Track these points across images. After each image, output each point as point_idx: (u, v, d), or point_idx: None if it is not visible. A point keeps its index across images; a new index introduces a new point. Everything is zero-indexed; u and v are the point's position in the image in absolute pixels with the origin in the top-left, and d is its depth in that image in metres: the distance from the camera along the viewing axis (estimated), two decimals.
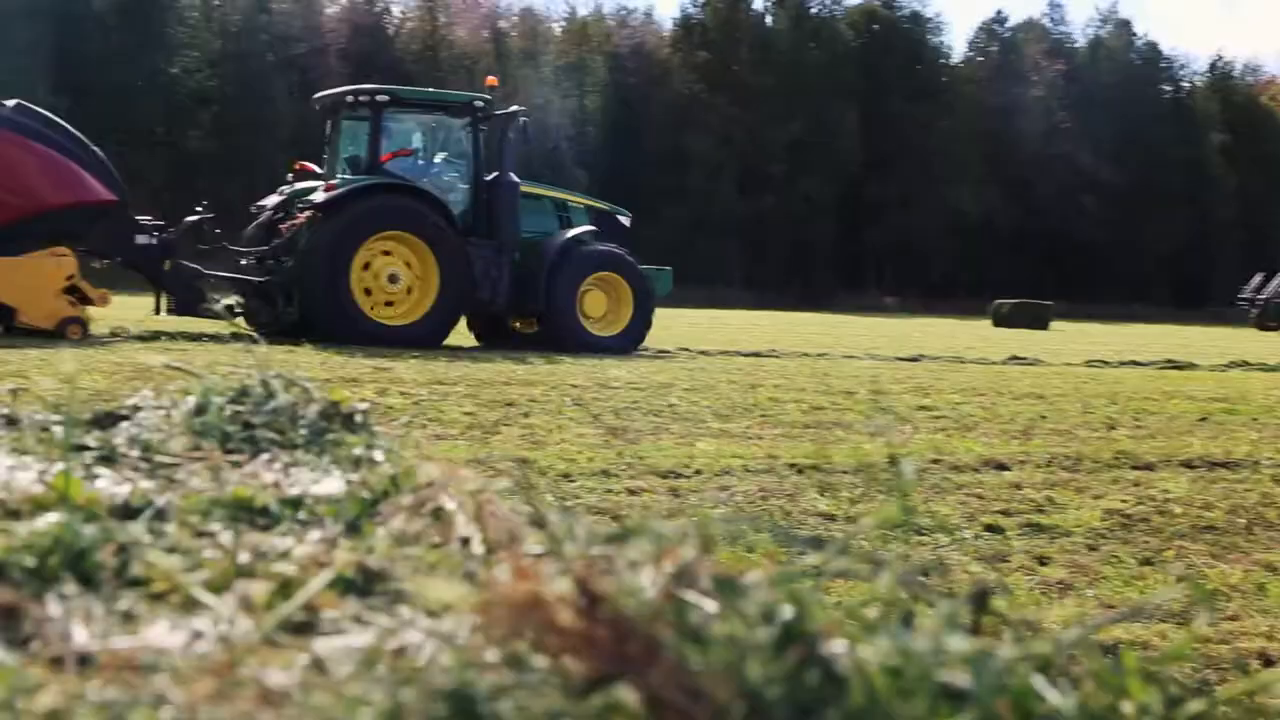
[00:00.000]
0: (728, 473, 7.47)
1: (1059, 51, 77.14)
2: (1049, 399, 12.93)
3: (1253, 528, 6.57)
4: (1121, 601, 5.05)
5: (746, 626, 0.59)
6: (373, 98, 17.22)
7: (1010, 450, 8.86)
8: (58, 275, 14.87)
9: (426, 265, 16.39)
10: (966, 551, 5.83)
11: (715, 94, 67.33)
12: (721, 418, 10.22)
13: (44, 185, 14.82)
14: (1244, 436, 10.31)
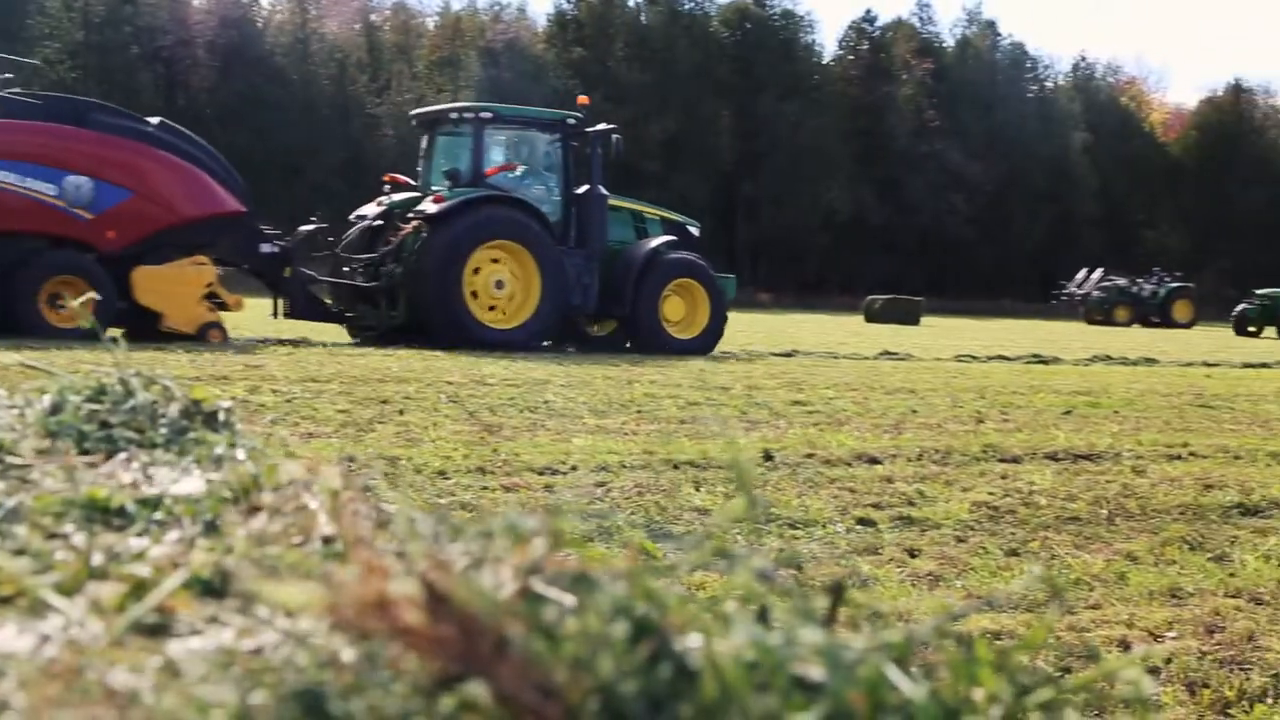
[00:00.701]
0: (604, 469, 7.47)
1: (927, 51, 78.33)
2: (919, 393, 13.14)
3: (1114, 518, 6.74)
4: (989, 592, 5.15)
5: (599, 622, 0.59)
6: (476, 115, 18.30)
7: (882, 444, 8.99)
8: (198, 282, 15.95)
9: (528, 273, 17.40)
10: (839, 545, 5.90)
11: (590, 90, 67.48)
12: (598, 414, 10.22)
13: (183, 198, 15.92)
14: (1106, 429, 10.57)
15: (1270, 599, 5.11)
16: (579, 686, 0.56)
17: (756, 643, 0.60)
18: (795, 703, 0.58)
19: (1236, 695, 3.95)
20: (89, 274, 15.25)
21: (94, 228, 15.50)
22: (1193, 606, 4.96)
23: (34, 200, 15.23)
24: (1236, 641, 4.46)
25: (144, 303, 15.64)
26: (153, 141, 16.12)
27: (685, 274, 18.59)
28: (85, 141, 15.62)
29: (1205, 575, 5.49)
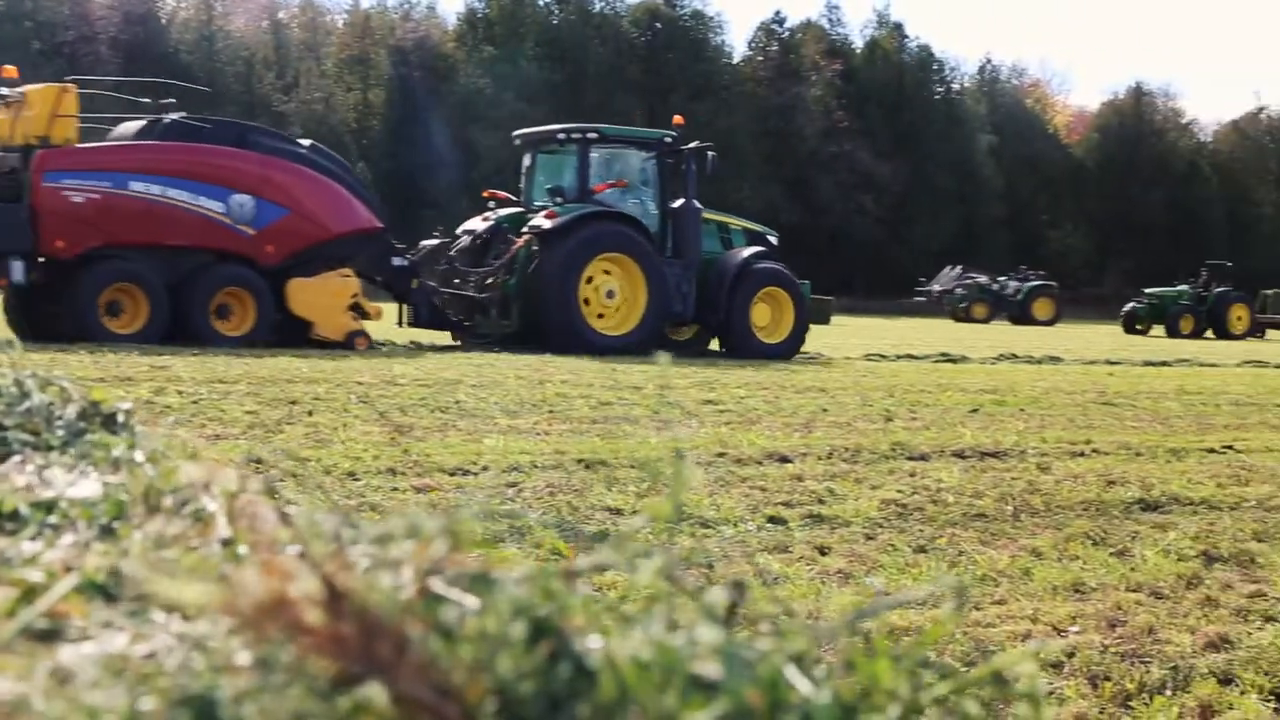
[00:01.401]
0: (516, 469, 7.45)
1: (836, 52, 78.86)
2: (830, 392, 13.24)
3: (1019, 514, 6.83)
4: (897, 589, 5.20)
5: (498, 622, 0.58)
6: (584, 135, 19.47)
7: (792, 443, 9.04)
8: (345, 293, 17.13)
9: (635, 282, 18.57)
10: (750, 543, 5.92)
11: (502, 89, 67.10)
12: (509, 414, 10.19)
13: (331, 215, 17.19)
14: (1012, 426, 10.71)
15: (1170, 593, 5.21)
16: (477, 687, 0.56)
17: (655, 642, 0.60)
18: (693, 702, 0.57)
19: (1137, 688, 4.02)
20: (253, 286, 16.57)
21: (255, 243, 16.64)
22: (1095, 601, 5.04)
23: (204, 217, 16.38)
24: (1137, 635, 4.54)
25: (297, 313, 16.81)
26: (305, 162, 17.40)
27: (773, 283, 19.74)
28: (248, 162, 16.77)
29: (1107, 570, 5.58)
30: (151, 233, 16.15)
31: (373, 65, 70.08)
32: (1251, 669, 4.21)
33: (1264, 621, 4.83)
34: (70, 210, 15.73)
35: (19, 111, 16.26)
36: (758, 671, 0.58)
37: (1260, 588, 5.34)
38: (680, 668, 0.57)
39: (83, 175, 15.93)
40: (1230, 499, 7.50)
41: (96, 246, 15.91)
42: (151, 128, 16.96)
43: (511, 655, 0.56)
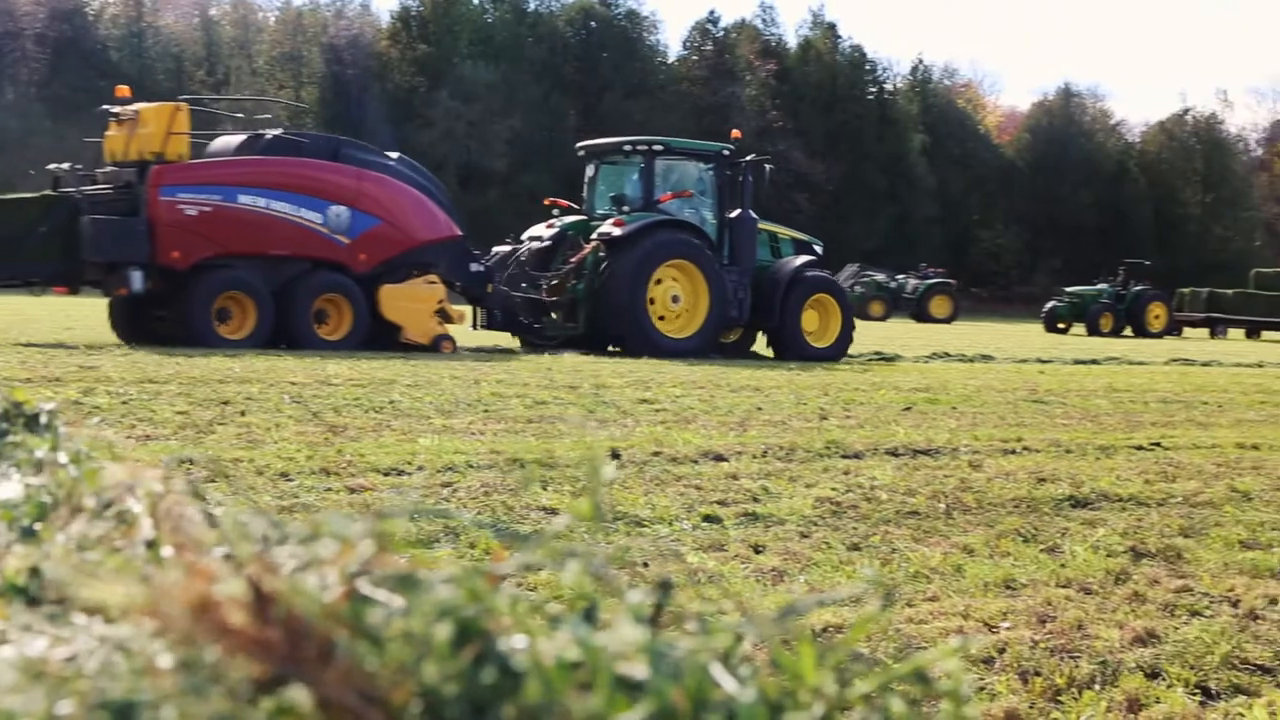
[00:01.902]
0: (451, 469, 7.42)
1: (770, 52, 79.16)
2: (765, 391, 13.29)
3: (952, 512, 6.89)
4: (831, 586, 5.23)
5: (423, 625, 0.58)
6: (649, 147, 20.27)
7: (728, 441, 9.07)
8: (432, 299, 18.08)
9: (697, 288, 19.43)
10: (685, 542, 5.94)
11: (436, 88, 66.80)
12: (444, 414, 10.15)
13: (418, 224, 18.21)
14: (944, 425, 10.80)
15: (1099, 589, 5.27)
16: (402, 690, 0.55)
17: (581, 643, 0.60)
18: (619, 702, 0.57)
19: (1066, 683, 4.07)
20: (349, 293, 17.55)
21: (350, 251, 17.61)
22: (1026, 597, 5.09)
23: (304, 228, 17.35)
24: (1067, 630, 4.59)
25: (388, 317, 17.73)
26: (394, 174, 18.46)
27: (823, 290, 20.75)
28: (343, 175, 17.78)
29: (1038, 566, 5.64)
30: (257, 243, 17.04)
31: (305, 63, 69.57)
32: (1178, 663, 4.27)
33: (1190, 616, 4.90)
34: (185, 223, 16.60)
35: (134, 129, 17.13)
36: (683, 670, 0.59)
37: (1186, 583, 5.41)
38: (607, 668, 0.57)
39: (196, 189, 16.82)
40: (1158, 495, 7.61)
41: (208, 257, 16.76)
42: (253, 143, 17.87)
43: (436, 658, 0.56)
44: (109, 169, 17.40)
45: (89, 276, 16.89)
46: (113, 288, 16.75)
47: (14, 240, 16.27)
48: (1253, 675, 4.24)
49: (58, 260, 16.58)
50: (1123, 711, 3.85)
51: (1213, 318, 45.28)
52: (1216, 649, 4.40)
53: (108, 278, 16.62)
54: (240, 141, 18.01)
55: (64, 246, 16.41)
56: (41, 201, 16.81)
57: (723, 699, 0.59)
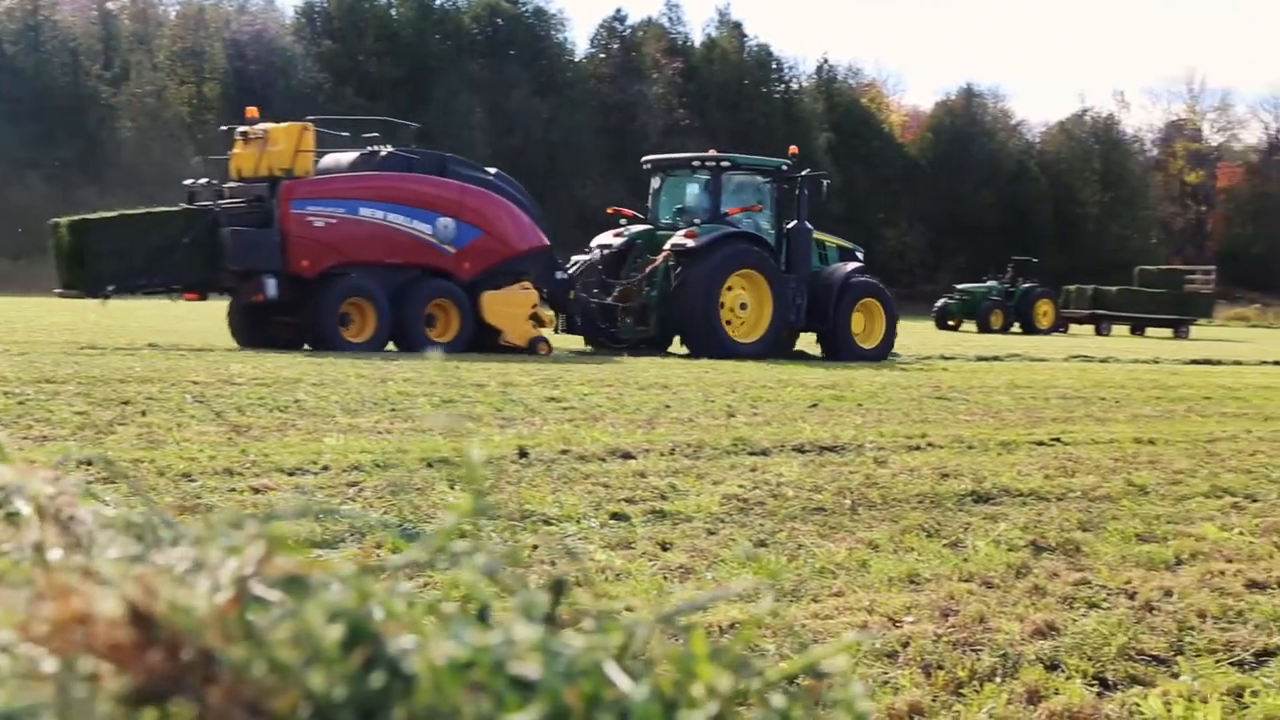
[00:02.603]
0: (357, 468, 7.37)
1: (677, 50, 79.33)
2: (673, 388, 13.33)
3: (857, 508, 6.95)
4: (770, 583, 5.26)
5: (311, 628, 0.58)
6: (717, 163, 21.85)
7: (636, 439, 9.08)
8: (526, 304, 19.39)
9: (762, 295, 20.72)
10: (593, 540, 5.94)
11: (342, 84, 66.17)
12: (350, 413, 10.07)
13: (515, 235, 19.56)
14: (850, 421, 10.90)
15: (1000, 582, 5.35)
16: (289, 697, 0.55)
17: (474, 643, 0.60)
18: (511, 703, 0.58)
19: (968, 675, 4.13)
20: (455, 298, 18.87)
21: (455, 260, 18.96)
22: (929, 591, 5.16)
23: (416, 238, 18.67)
24: (969, 624, 4.66)
25: (489, 321, 19.06)
26: (492, 188, 19.74)
27: (870, 294, 22.10)
28: (449, 189, 19.14)
29: (941, 561, 5.72)
30: (376, 252, 18.35)
31: (207, 58, 68.54)
32: (1076, 655, 4.35)
33: (1088, 608, 5.00)
34: (313, 234, 17.89)
35: (263, 147, 18.43)
36: (577, 669, 0.59)
37: (1085, 576, 5.51)
38: (499, 669, 0.57)
39: (323, 203, 18.13)
40: (1057, 490, 7.74)
41: (333, 265, 18.01)
42: (369, 159, 19.25)
43: (324, 663, 0.56)
44: (235, 184, 18.62)
45: (225, 284, 18.11)
46: (248, 294, 17.86)
47: (163, 250, 17.48)
48: (1148, 666, 4.33)
49: (200, 269, 17.87)
50: (1023, 703, 3.91)
51: (1097, 314, 46.05)
52: (1113, 640, 4.48)
53: (242, 285, 17.79)
54: (354, 158, 19.35)
55: (205, 256, 17.66)
56: (186, 215, 18.10)
57: (617, 698, 0.59)
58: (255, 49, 68.15)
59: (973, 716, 3.79)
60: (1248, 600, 5.15)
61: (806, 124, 79.38)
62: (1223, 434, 11.02)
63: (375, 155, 19.31)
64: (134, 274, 17.73)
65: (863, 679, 4.08)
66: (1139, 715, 3.85)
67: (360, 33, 69.39)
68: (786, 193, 22.12)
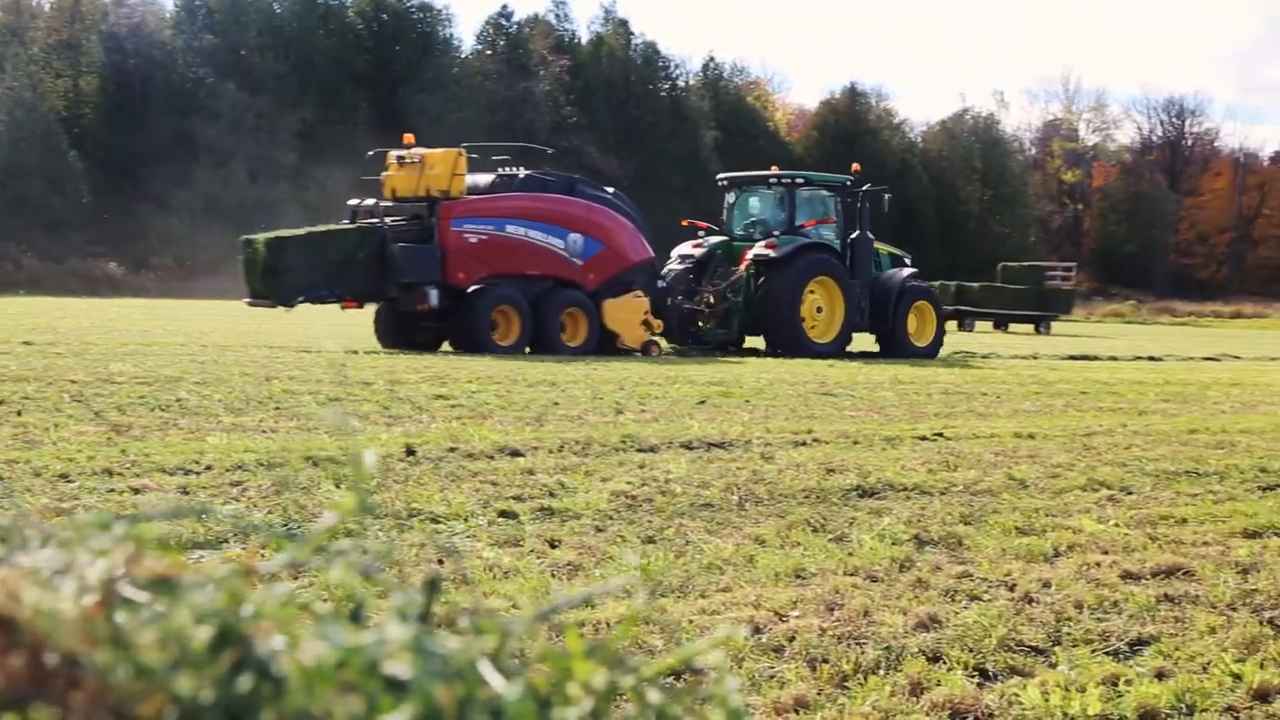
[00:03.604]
0: (241, 468, 7.27)
1: (564, 47, 79.13)
2: (561, 385, 13.31)
3: (744, 504, 7.01)
4: (644, 580, 5.27)
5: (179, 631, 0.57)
6: (792, 180, 24.06)
7: (524, 436, 9.07)
8: (640, 310, 21.16)
9: (834, 299, 22.82)
10: (481, 538, 5.92)
11: (224, 79, 65.08)
12: (234, 411, 9.93)
13: (629, 248, 21.47)
14: (737, 418, 10.97)
15: (884, 576, 5.43)
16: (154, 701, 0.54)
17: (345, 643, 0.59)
18: (383, 703, 0.57)
19: (853, 668, 4.18)
20: (584, 306, 20.68)
21: (582, 272, 20.78)
22: (815, 586, 5.21)
23: (552, 252, 20.57)
24: (854, 618, 4.71)
25: (609, 327, 20.85)
26: (612, 206, 21.73)
27: (923, 297, 24.27)
28: (577, 207, 21.05)
29: (827, 555, 5.78)
30: (519, 265, 20.23)
31: (84, 51, 66.97)
32: (957, 646, 4.43)
33: (969, 601, 5.08)
34: (469, 249, 19.85)
35: (421, 170, 20.25)
36: (451, 669, 0.58)
37: (966, 568, 5.61)
38: (372, 669, 0.57)
39: (476, 221, 20.08)
40: (940, 484, 7.86)
41: (484, 277, 19.83)
42: (508, 180, 21.10)
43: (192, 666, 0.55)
44: (391, 203, 20.45)
45: (391, 294, 19.77)
46: (413, 304, 19.58)
47: (342, 264, 19.48)
48: (1027, 656, 4.42)
49: (372, 281, 19.69)
50: (905, 695, 3.97)
51: (961, 310, 46.79)
52: (994, 632, 4.57)
53: (405, 295, 19.55)
54: (492, 179, 21.16)
55: (376, 269, 19.53)
56: (359, 232, 19.99)
57: (490, 697, 0.59)
58: (134, 42, 66.78)
59: (857, 709, 3.84)
60: (1122, 591, 5.28)
61: (694, 122, 79.72)
62: (1099, 428, 11.27)
63: (514, 177, 21.27)
64: (318, 285, 19.57)
65: (749, 674, 4.11)
66: (1018, 705, 3.93)
67: (243, 27, 68.25)
68: (849, 205, 24.18)
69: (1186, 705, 3.97)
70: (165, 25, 70.07)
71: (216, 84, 64.30)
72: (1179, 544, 6.32)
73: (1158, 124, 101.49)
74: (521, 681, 0.61)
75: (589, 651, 0.64)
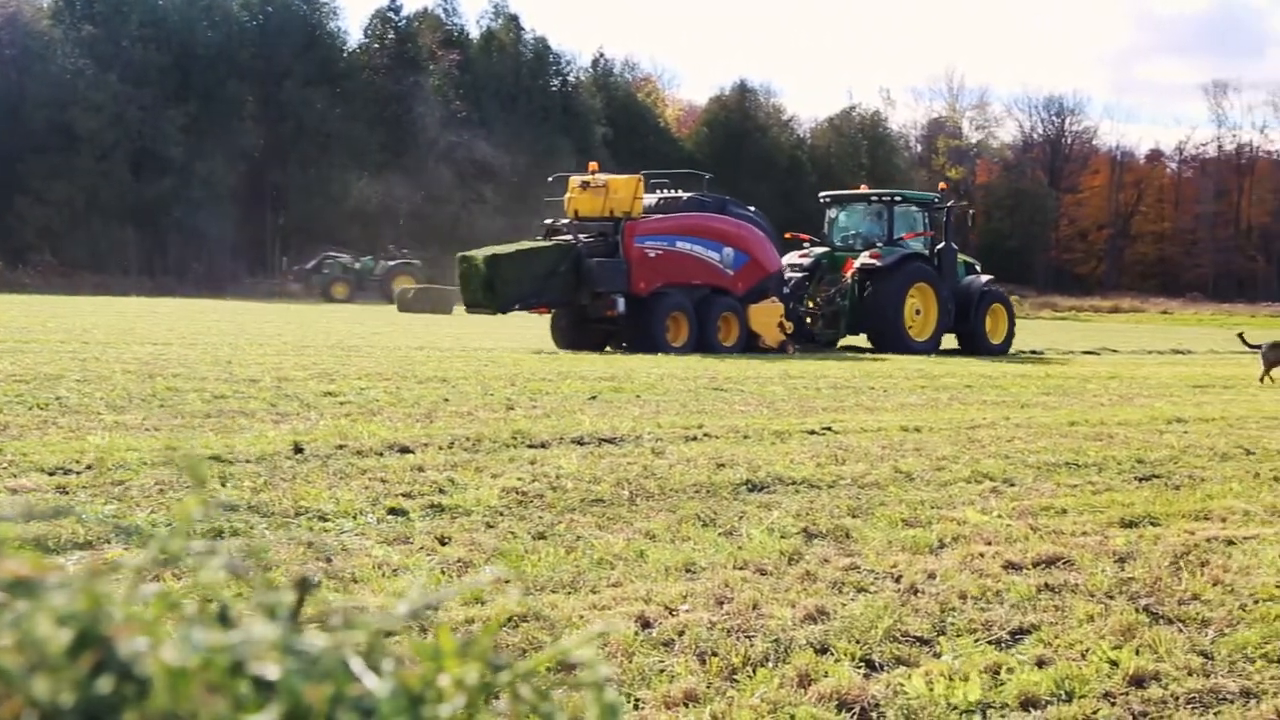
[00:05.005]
0: (123, 467, 7.13)
1: (453, 42, 78.66)
2: (451, 382, 13.24)
3: (635, 499, 7.02)
4: (517, 576, 5.26)
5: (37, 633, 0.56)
6: (891, 198, 27.39)
7: (414, 433, 9.00)
8: (777, 314, 23.80)
9: (929, 303, 25.86)
10: (370, 535, 5.87)
11: (105, 71, 63.74)
12: (116, 409, 9.75)
13: (767, 259, 24.21)
14: (628, 413, 10.99)
15: (773, 569, 5.47)
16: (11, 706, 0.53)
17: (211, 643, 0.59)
18: (250, 704, 0.57)
19: (742, 661, 4.21)
20: (735, 311, 23.30)
21: (733, 280, 23.48)
22: (705, 580, 5.24)
23: (711, 264, 23.29)
24: (743, 611, 4.75)
25: (754, 329, 23.42)
26: (753, 222, 24.45)
27: (998, 300, 27.35)
28: (729, 224, 23.82)
29: (716, 550, 5.81)
30: (686, 275, 22.89)
31: None
32: (845, 638, 4.48)
33: (856, 593, 5.15)
34: (648, 262, 22.51)
35: (606, 194, 22.90)
36: (320, 668, 0.58)
37: (854, 561, 5.67)
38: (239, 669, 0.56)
39: (654, 238, 22.71)
40: (828, 478, 7.94)
41: (659, 286, 22.50)
42: (672, 202, 23.94)
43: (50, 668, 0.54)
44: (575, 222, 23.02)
45: (583, 302, 22.29)
46: (602, 310, 22.19)
47: (545, 276, 22.05)
48: (912, 647, 4.48)
49: (569, 290, 22.26)
50: (793, 687, 4.01)
51: None
52: (880, 623, 4.63)
53: (596, 302, 22.16)
54: (656, 200, 23.90)
55: (573, 280, 22.15)
56: (559, 248, 22.41)
57: (361, 695, 0.59)
58: (9, 33, 65.16)
59: (745, 701, 3.87)
60: (1005, 581, 5.38)
61: (584, 118, 79.70)
62: (983, 421, 11.46)
63: (679, 199, 24.14)
64: (527, 295, 22.17)
65: (639, 668, 4.12)
66: (903, 695, 3.98)
67: (124, 18, 66.88)
68: (935, 219, 27.16)
69: (1065, 692, 4.05)
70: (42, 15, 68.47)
71: (97, 76, 62.96)
72: (1059, 534, 6.45)
73: (1038, 122, 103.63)
74: (393, 679, 0.61)
75: (462, 648, 0.64)
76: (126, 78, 63.43)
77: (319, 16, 74.70)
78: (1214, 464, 9.32)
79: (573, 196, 23.45)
